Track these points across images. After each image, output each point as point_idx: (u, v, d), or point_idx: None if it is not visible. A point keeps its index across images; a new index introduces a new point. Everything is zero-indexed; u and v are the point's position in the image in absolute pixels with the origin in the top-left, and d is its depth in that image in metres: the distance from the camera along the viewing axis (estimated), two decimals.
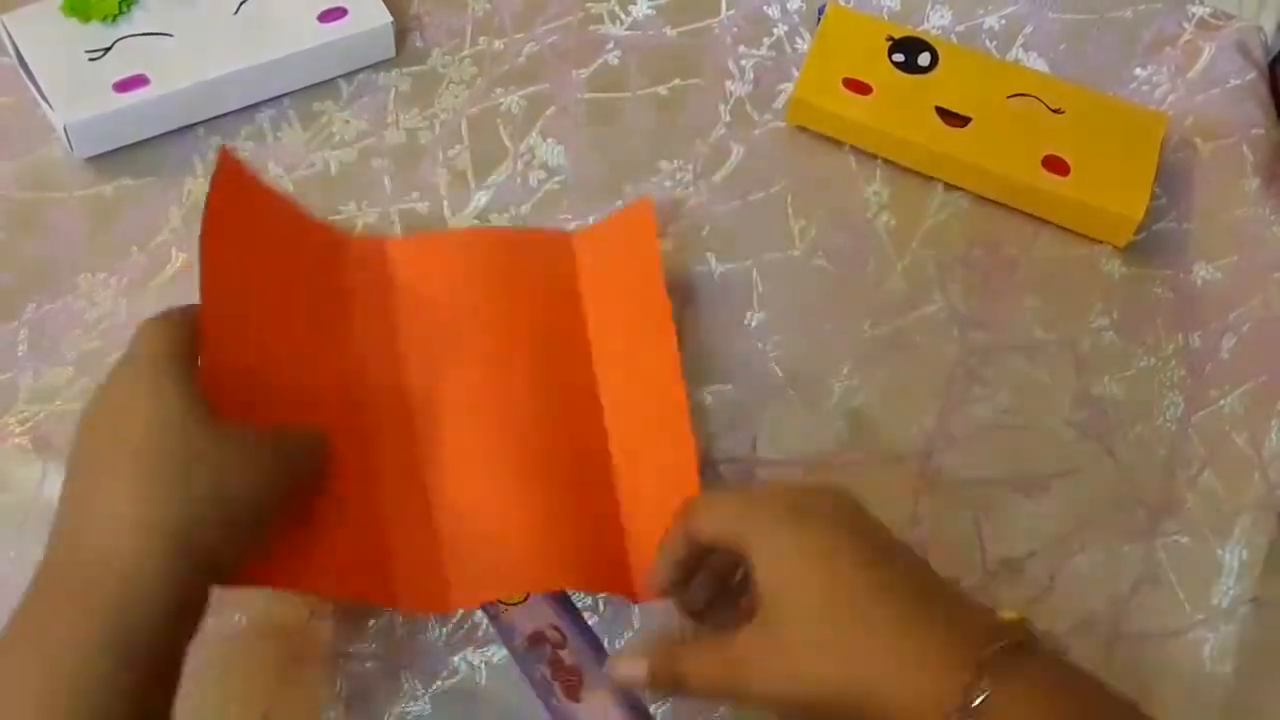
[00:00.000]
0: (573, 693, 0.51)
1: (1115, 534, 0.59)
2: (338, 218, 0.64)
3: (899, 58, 0.69)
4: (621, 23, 0.72)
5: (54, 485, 0.55)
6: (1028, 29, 0.74)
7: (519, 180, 0.66)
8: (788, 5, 0.74)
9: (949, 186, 0.68)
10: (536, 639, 0.52)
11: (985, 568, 0.57)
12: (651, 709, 0.52)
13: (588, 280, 0.60)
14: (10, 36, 0.63)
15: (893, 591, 0.42)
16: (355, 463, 0.51)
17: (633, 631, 0.54)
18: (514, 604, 0.52)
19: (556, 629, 0.52)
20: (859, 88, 0.68)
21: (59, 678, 0.40)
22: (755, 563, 0.44)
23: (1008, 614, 0.43)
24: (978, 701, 0.39)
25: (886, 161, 0.68)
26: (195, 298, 0.61)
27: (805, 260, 0.65)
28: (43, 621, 0.42)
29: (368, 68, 0.69)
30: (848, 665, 0.42)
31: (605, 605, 0.55)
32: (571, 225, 0.65)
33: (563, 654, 0.52)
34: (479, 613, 0.54)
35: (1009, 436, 0.61)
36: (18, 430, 0.56)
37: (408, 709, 0.53)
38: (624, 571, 0.52)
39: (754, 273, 0.64)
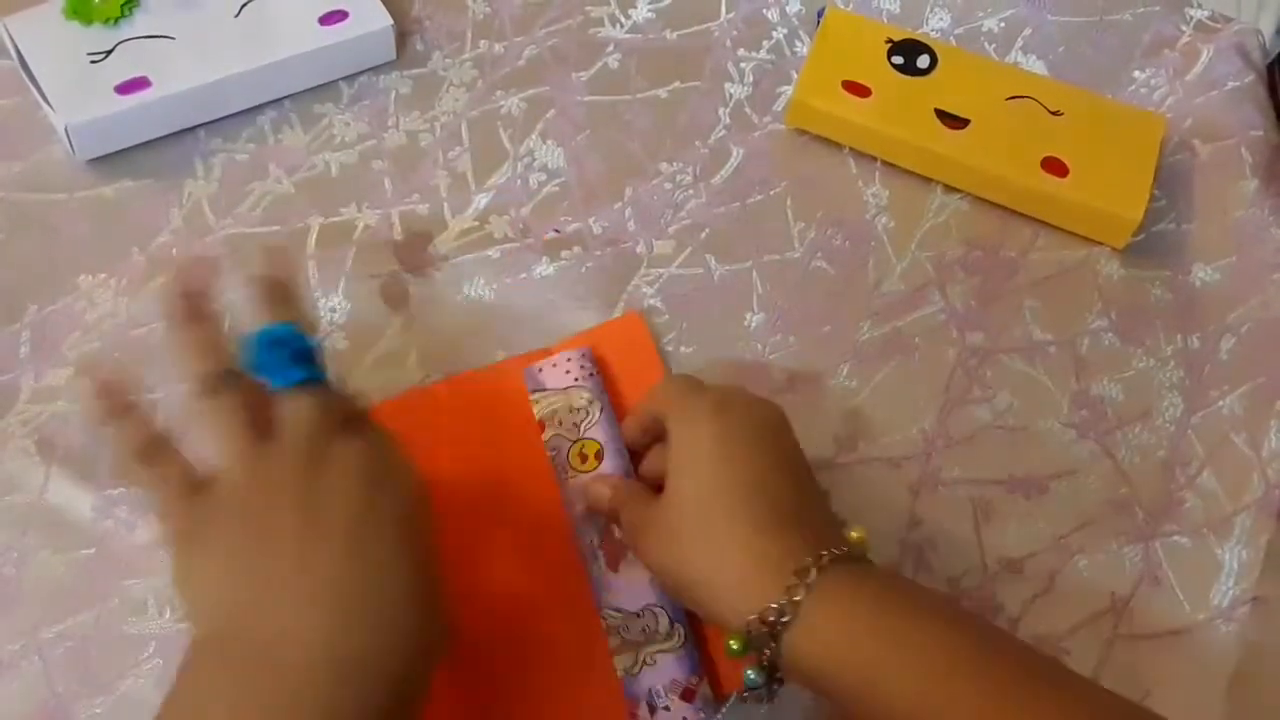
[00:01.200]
0: (614, 564, 0.54)
1: (1114, 535, 0.59)
2: (338, 219, 0.64)
3: (898, 60, 0.69)
4: (621, 25, 0.72)
5: (57, 488, 0.55)
6: (1026, 31, 0.74)
7: (519, 182, 0.66)
8: (787, 8, 0.74)
9: (948, 188, 0.68)
10: (594, 509, 0.55)
11: (985, 568, 0.57)
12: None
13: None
14: (12, 39, 0.63)
15: (754, 502, 0.46)
16: None
17: None
18: (585, 470, 0.55)
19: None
20: (858, 90, 0.68)
21: None
22: (670, 445, 0.50)
23: (853, 533, 0.47)
24: (791, 601, 0.43)
25: (885, 163, 0.68)
26: None
27: (804, 262, 0.65)
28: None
29: (368, 70, 0.69)
30: (702, 559, 0.46)
31: None
32: (571, 227, 0.65)
33: (614, 529, 0.54)
34: None
35: (1008, 437, 0.61)
36: (20, 432, 0.57)
37: None
38: None
39: (753, 274, 0.64)
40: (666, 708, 0.51)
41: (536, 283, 0.63)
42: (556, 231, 0.65)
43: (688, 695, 0.51)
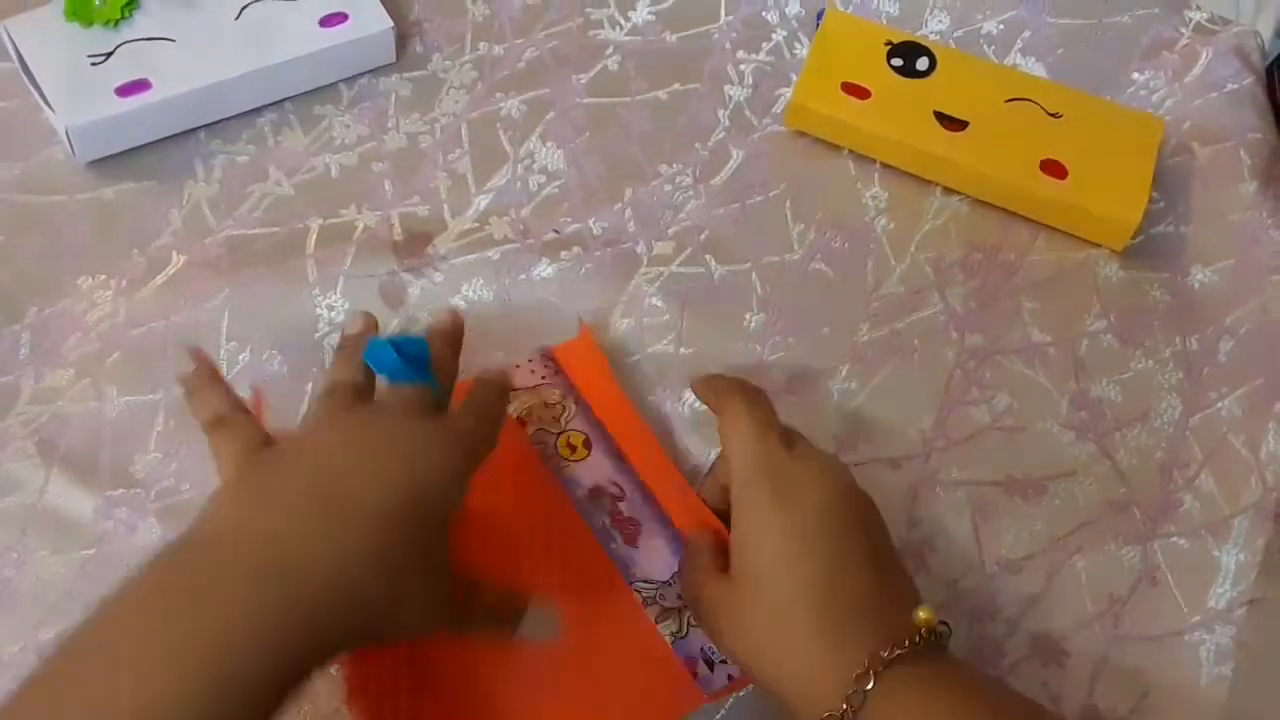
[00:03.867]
0: (632, 540, 0.55)
1: (1113, 536, 0.59)
2: (337, 221, 0.64)
3: (897, 62, 0.69)
4: (621, 28, 0.72)
5: (57, 489, 0.55)
6: (1026, 34, 0.74)
7: (519, 184, 0.66)
8: (787, 10, 0.74)
9: (947, 190, 0.68)
10: (597, 492, 0.55)
11: (983, 570, 0.57)
12: None
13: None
14: (13, 41, 0.63)
15: (822, 600, 0.45)
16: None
17: None
18: (576, 460, 0.56)
19: (616, 484, 0.56)
20: (857, 92, 0.68)
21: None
22: (735, 525, 0.48)
23: (921, 614, 0.45)
24: (859, 702, 0.43)
25: (885, 165, 0.69)
26: (191, 299, 0.61)
27: (804, 264, 0.65)
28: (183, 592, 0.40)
29: (368, 72, 0.69)
30: (770, 653, 0.46)
31: None
32: (571, 229, 0.65)
33: (622, 506, 0.55)
34: None
35: (1007, 439, 0.61)
36: (21, 433, 0.57)
37: None
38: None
39: (753, 275, 0.64)
40: (724, 660, 0.52)
41: (536, 284, 0.63)
42: (556, 233, 0.65)
43: None
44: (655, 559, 0.54)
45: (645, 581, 0.54)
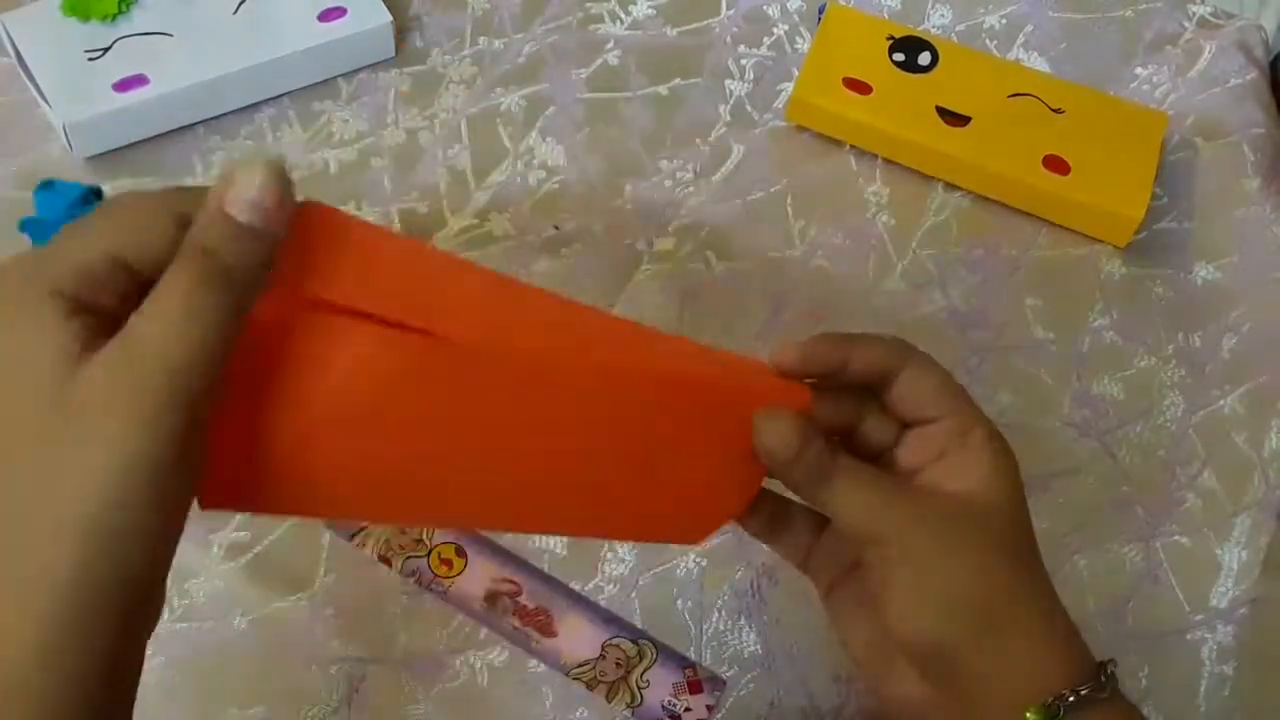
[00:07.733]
0: (547, 629, 0.51)
1: (1115, 534, 0.59)
2: None
3: (899, 57, 0.69)
4: (621, 22, 0.72)
5: None
6: (1028, 28, 0.74)
7: (519, 180, 0.66)
8: (788, 5, 0.74)
9: (949, 186, 0.68)
10: (492, 598, 0.52)
11: None
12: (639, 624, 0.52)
13: None
14: (9, 36, 0.63)
15: (1034, 596, 0.41)
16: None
17: (600, 576, 0.53)
18: (457, 575, 0.52)
19: (508, 580, 0.52)
20: (859, 87, 0.68)
21: None
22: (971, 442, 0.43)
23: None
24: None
25: (886, 161, 0.68)
26: None
27: (805, 260, 0.65)
28: None
29: (367, 67, 0.69)
30: (1016, 597, 0.40)
31: (567, 550, 0.56)
32: (570, 225, 0.65)
33: (523, 599, 0.52)
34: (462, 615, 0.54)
35: (1008, 436, 0.60)
36: None
37: (409, 711, 0.53)
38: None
39: (754, 272, 0.64)
40: (688, 709, 0.50)
41: (536, 280, 0.63)
42: (556, 229, 0.65)
43: (694, 688, 0.51)
44: (580, 638, 0.51)
45: (580, 666, 0.50)
